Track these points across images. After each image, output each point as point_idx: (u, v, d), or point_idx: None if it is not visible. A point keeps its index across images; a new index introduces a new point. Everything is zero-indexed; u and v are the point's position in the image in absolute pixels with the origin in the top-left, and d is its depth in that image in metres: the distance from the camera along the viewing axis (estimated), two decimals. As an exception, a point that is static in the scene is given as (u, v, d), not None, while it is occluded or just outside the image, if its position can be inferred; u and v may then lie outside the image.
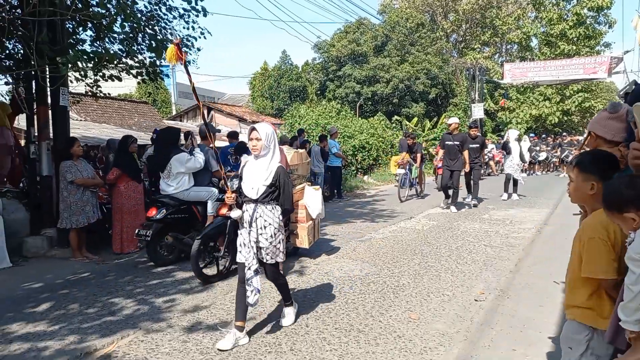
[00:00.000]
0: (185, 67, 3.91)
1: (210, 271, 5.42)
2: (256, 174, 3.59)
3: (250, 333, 3.78)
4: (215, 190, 6.23)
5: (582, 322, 2.10)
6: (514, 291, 4.84)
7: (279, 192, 3.61)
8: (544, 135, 25.86)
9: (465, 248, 6.73)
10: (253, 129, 3.56)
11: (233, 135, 9.50)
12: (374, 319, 4.08)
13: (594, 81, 28.37)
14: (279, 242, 3.64)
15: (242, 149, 7.80)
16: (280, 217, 3.64)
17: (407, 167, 11.95)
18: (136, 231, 5.89)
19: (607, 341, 1.93)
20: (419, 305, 4.41)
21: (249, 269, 3.55)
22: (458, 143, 9.71)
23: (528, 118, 30.52)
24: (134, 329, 3.90)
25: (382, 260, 6.10)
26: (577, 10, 28.84)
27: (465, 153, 9.81)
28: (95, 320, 4.11)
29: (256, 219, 3.56)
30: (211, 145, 5.11)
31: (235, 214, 3.67)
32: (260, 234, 3.55)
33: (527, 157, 20.23)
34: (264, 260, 3.63)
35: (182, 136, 7.49)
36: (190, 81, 3.88)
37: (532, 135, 23.21)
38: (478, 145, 10.67)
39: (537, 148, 21.43)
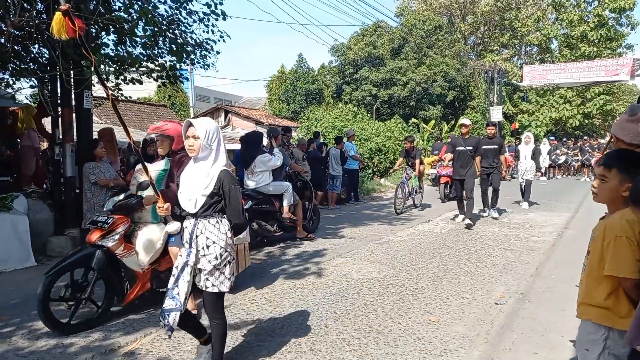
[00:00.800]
0: (82, 41, 2.80)
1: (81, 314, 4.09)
2: (194, 182, 2.89)
3: (270, 333, 3.81)
4: (290, 185, 7.33)
5: (597, 323, 2.09)
6: (534, 295, 4.79)
7: (225, 203, 2.91)
8: (564, 139, 25.49)
9: (485, 251, 6.67)
10: (190, 124, 2.90)
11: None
12: (393, 321, 4.08)
13: (615, 84, 27.86)
14: (225, 266, 2.91)
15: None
16: (229, 235, 2.93)
17: (405, 175, 10.83)
18: None
19: (628, 344, 1.91)
20: (438, 308, 4.40)
21: (173, 298, 2.85)
22: (471, 148, 8.50)
23: (548, 121, 30.08)
24: (157, 327, 3.96)
25: (400, 262, 6.09)
26: (598, 11, 28.38)
27: (477, 159, 8.68)
28: (119, 318, 4.19)
29: (196, 237, 2.88)
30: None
31: (172, 227, 3.26)
32: (203, 255, 2.87)
33: (546, 162, 20.15)
34: (204, 288, 2.92)
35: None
36: (94, 66, 3.04)
37: (552, 138, 22.91)
38: (496, 147, 9.46)
39: (557, 151, 21.15)
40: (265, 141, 7.87)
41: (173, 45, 7.66)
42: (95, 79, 7.64)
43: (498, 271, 5.67)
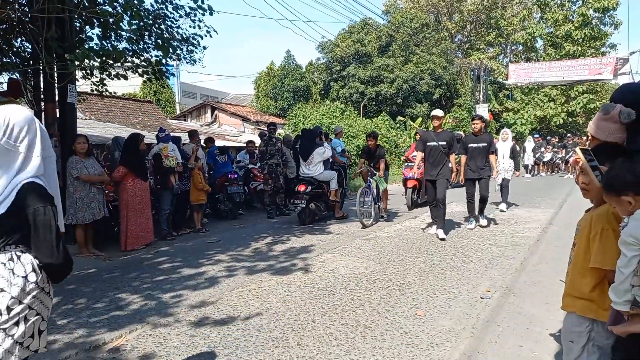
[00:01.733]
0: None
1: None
2: None
3: (257, 328, 3.80)
4: (335, 173, 8.97)
5: (582, 315, 2.12)
6: (519, 289, 4.85)
7: (29, 232, 1.94)
8: (548, 137, 25.81)
9: (471, 247, 6.73)
10: None
11: (192, 135, 9.22)
12: (380, 316, 4.09)
13: (599, 82, 28.30)
14: (16, 326, 1.94)
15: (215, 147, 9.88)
16: (31, 279, 1.97)
17: (368, 179, 8.89)
18: (291, 201, 8.74)
19: (607, 324, 1.95)
20: (425, 303, 4.42)
21: None
22: (444, 144, 7.29)
23: (533, 119, 30.44)
24: (142, 323, 3.93)
25: (387, 258, 6.11)
26: (582, 11, 28.76)
27: (452, 157, 7.57)
28: (103, 315, 4.15)
29: None
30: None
31: None
32: None
33: (531, 159, 20.39)
34: None
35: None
36: None
37: (536, 136, 23.18)
38: (484, 145, 7.97)
39: (542, 149, 21.41)
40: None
41: (159, 40, 7.58)
42: (78, 73, 7.54)
43: (484, 266, 5.72)
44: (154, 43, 7.90)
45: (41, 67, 6.37)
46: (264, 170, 9.62)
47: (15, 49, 7.21)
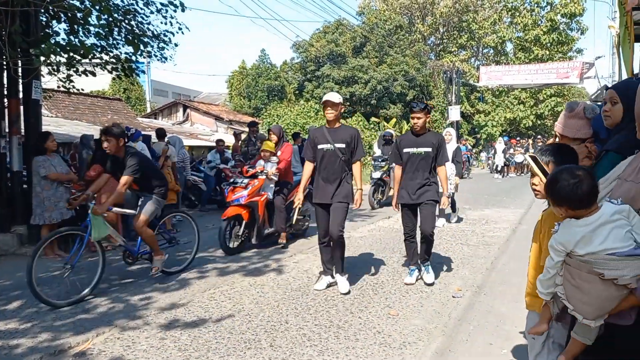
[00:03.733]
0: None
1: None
2: None
3: (229, 330, 3.75)
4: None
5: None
6: (490, 288, 4.93)
7: None
8: (518, 138, 26.42)
9: (443, 246, 6.81)
10: None
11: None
12: (353, 315, 4.09)
13: (566, 86, 29.13)
14: None
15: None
16: None
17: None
18: None
19: (554, 319, 2.01)
20: (397, 302, 4.44)
21: None
22: (429, 150, 4.92)
23: (503, 121, 31.14)
24: (110, 326, 3.82)
25: (360, 258, 6.13)
26: (551, 16, 29.58)
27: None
28: (69, 318, 4.02)
29: None
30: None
31: None
32: None
33: (501, 160, 20.84)
34: None
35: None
36: None
37: (505, 138, 23.68)
38: (429, 150, 4.96)
39: (511, 150, 21.90)
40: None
41: (129, 36, 7.41)
42: (44, 69, 7.29)
43: (455, 265, 5.79)
44: (123, 39, 7.72)
45: (4, 62, 6.13)
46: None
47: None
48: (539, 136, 26.79)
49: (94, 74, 7.68)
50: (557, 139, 2.59)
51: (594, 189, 1.72)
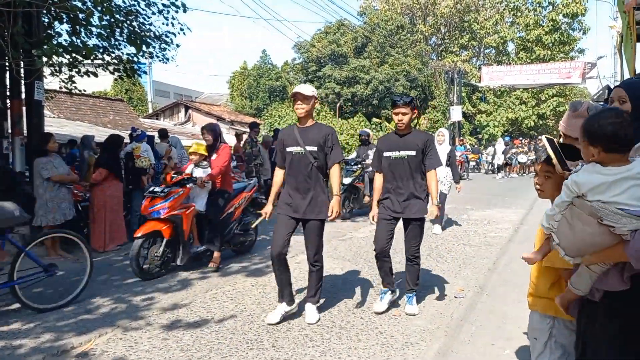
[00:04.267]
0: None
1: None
2: None
3: (232, 330, 3.75)
4: None
5: (543, 313, 2.17)
6: (492, 288, 4.92)
7: None
8: (520, 138, 26.37)
9: (445, 247, 6.80)
10: None
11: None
12: (355, 316, 4.09)
13: (568, 86, 29.09)
14: None
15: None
16: None
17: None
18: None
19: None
20: (400, 302, 4.44)
21: None
22: (413, 154, 4.12)
23: (505, 121, 31.11)
24: (112, 326, 3.83)
25: (363, 258, 6.12)
26: (552, 16, 29.55)
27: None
28: (72, 319, 4.02)
29: None
30: None
31: None
32: None
33: (500, 160, 20.75)
34: None
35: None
36: None
37: (507, 139, 23.63)
38: (413, 154, 4.14)
39: (513, 150, 21.85)
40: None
41: (132, 35, 7.42)
42: (47, 70, 7.31)
43: (457, 266, 5.79)
44: (125, 39, 7.73)
45: (7, 63, 6.14)
46: (252, 172, 9.65)
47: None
48: (539, 137, 26.72)
49: (96, 75, 7.69)
50: (561, 139, 2.59)
51: (633, 139, 1.68)
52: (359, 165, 9.52)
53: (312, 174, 3.95)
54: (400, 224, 4.27)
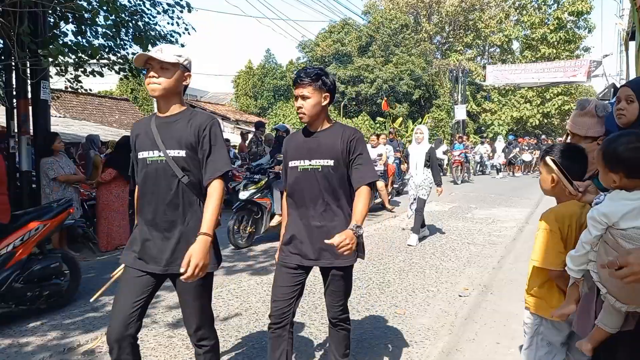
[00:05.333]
0: None
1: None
2: None
3: (237, 328, 3.77)
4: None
5: (533, 312, 2.19)
6: (497, 287, 4.92)
7: None
8: (526, 137, 26.26)
9: (449, 246, 6.80)
10: None
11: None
12: (360, 314, 4.10)
13: (573, 84, 28.95)
14: None
15: None
16: None
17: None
18: None
19: (575, 330, 1.94)
20: (404, 301, 4.45)
21: None
22: (331, 163, 2.47)
23: (509, 120, 31.01)
24: (118, 324, 3.85)
25: (367, 256, 6.11)
26: (558, 14, 29.41)
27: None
28: (78, 317, 4.05)
29: None
30: None
31: None
32: None
33: (501, 159, 20.58)
34: None
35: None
36: None
37: (512, 137, 23.52)
38: (330, 164, 2.48)
39: (517, 149, 21.71)
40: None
41: (137, 33, 7.46)
42: (52, 69, 7.34)
43: (462, 264, 5.78)
44: (131, 38, 7.76)
45: (13, 63, 6.19)
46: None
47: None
48: (544, 136, 26.61)
49: (101, 75, 7.72)
50: (568, 137, 2.59)
51: None
52: (265, 175, 7.01)
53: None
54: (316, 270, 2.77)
